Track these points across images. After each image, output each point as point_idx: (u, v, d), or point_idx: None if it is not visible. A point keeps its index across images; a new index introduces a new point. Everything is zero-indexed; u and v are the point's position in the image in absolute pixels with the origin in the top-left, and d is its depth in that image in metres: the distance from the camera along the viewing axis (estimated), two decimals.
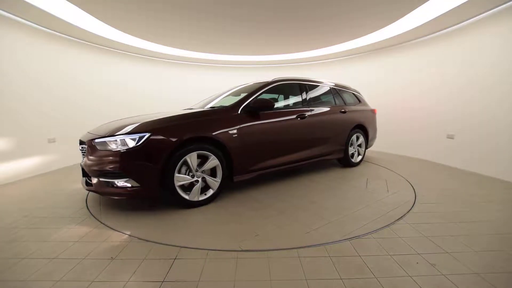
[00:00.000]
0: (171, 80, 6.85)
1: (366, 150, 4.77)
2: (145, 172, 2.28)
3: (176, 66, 6.87)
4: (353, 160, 4.24)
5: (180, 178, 2.41)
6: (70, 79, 4.67)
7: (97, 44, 5.18)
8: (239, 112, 2.86)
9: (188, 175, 2.48)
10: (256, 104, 2.91)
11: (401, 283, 1.44)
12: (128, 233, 2.05)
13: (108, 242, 1.91)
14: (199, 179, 2.54)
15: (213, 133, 2.58)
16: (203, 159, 2.56)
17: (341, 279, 1.47)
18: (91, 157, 2.35)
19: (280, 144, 3.18)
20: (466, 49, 4.12)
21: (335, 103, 4.01)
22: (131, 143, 2.25)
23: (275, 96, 3.70)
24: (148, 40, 5.24)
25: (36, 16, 3.75)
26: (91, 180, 2.41)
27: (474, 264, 1.60)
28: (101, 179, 2.32)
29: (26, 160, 3.82)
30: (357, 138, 4.29)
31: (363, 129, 4.37)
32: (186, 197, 2.47)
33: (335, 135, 3.84)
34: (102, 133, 2.47)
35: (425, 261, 1.64)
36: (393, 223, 2.19)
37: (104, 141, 2.31)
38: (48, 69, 4.26)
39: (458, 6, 3.56)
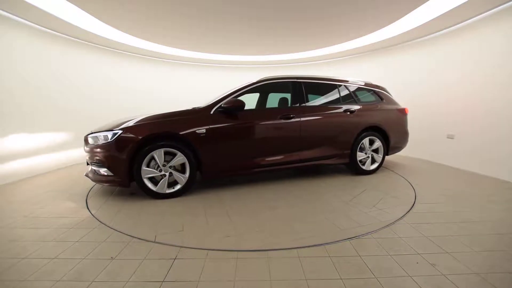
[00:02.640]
0: (172, 80, 6.85)
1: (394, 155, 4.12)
2: (116, 163, 2.65)
3: (176, 66, 6.87)
4: (363, 167, 3.67)
5: (147, 172, 2.69)
6: (69, 79, 4.67)
7: (97, 44, 5.18)
8: (211, 112, 2.93)
9: (157, 169, 2.73)
10: (227, 104, 2.93)
11: (401, 283, 1.44)
12: (93, 212, 2.52)
13: (108, 242, 1.91)
14: (167, 174, 2.76)
15: (179, 132, 2.75)
16: (173, 156, 2.78)
17: (341, 279, 1.47)
18: (86, 149, 2.87)
19: (258, 146, 3.12)
20: (467, 48, 4.12)
21: (340, 102, 3.60)
22: (108, 139, 2.66)
23: (288, 96, 3.54)
24: (149, 40, 5.24)
25: (36, 16, 3.75)
26: None
27: (474, 264, 1.60)
28: (92, 168, 2.82)
29: (26, 160, 3.82)
30: (371, 142, 3.69)
31: (382, 131, 3.75)
32: (154, 188, 2.73)
33: (334, 138, 3.46)
34: (95, 129, 2.91)
35: (425, 261, 1.64)
36: (393, 223, 2.19)
37: (94, 136, 2.77)
38: (48, 69, 4.26)
39: (458, 6, 3.55)
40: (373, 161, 3.78)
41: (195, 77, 7.14)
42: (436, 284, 1.43)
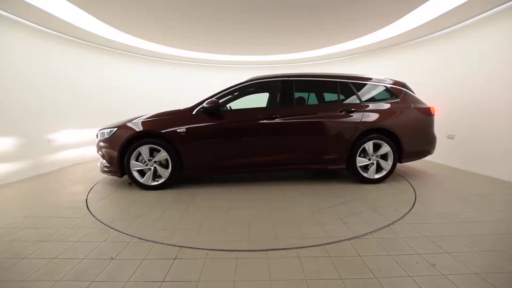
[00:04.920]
0: (172, 80, 6.85)
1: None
2: (110, 156, 3.05)
3: (176, 66, 6.88)
4: (365, 175, 3.19)
5: (135, 165, 3.03)
6: (69, 79, 4.67)
7: (97, 44, 5.18)
8: (194, 112, 3.08)
9: (143, 163, 3.05)
10: (207, 105, 3.01)
11: (401, 283, 1.44)
12: (89, 196, 3.00)
13: (108, 242, 1.91)
14: (152, 168, 3.05)
15: (161, 130, 2.99)
16: (158, 152, 3.04)
17: (341, 279, 1.47)
18: (96, 142, 3.25)
19: (237, 146, 3.10)
20: (467, 48, 4.12)
21: (338, 101, 3.30)
22: (108, 134, 3.08)
23: (305, 95, 3.45)
24: (149, 40, 5.24)
25: (36, 16, 3.75)
26: None
27: (474, 264, 1.60)
28: (100, 159, 3.25)
29: (26, 160, 3.82)
30: (377, 146, 3.19)
31: (391, 135, 3.22)
32: (141, 180, 3.05)
33: (326, 141, 3.16)
34: (105, 126, 3.28)
35: (425, 261, 1.64)
36: (393, 223, 2.19)
37: (102, 132, 3.18)
38: (48, 69, 4.26)
39: (458, 6, 3.55)
40: (381, 168, 3.25)
41: (195, 77, 7.14)
42: (436, 284, 1.43)
